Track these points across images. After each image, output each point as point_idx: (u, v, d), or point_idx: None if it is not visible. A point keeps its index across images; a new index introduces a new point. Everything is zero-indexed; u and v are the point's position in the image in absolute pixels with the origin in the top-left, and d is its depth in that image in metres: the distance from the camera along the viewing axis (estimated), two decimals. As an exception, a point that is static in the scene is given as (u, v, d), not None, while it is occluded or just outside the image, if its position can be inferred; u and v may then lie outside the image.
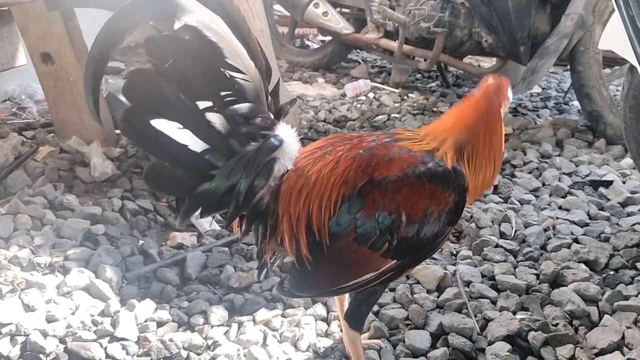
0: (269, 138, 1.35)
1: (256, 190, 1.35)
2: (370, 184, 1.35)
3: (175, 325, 1.82)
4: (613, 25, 2.04)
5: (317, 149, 1.44)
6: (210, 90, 1.28)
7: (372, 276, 1.39)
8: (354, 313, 1.50)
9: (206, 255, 2.12)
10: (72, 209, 2.33)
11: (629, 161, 3.00)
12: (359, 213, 1.34)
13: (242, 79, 1.29)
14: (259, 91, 1.33)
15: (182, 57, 1.24)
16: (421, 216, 1.35)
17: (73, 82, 2.69)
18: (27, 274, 1.91)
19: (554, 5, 3.42)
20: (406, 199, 1.34)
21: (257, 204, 1.37)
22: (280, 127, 1.39)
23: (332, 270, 1.39)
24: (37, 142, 2.87)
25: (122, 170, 2.64)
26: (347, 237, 1.35)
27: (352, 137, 1.46)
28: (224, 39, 1.27)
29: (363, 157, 1.38)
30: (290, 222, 1.37)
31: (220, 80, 1.28)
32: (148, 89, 1.24)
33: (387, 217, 1.34)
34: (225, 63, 1.27)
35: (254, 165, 1.33)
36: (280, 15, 5.14)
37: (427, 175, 1.35)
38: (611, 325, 1.77)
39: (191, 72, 1.26)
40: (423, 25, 3.64)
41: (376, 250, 1.35)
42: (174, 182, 1.33)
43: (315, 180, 1.36)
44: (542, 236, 2.28)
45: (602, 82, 3.27)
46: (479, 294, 1.93)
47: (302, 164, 1.40)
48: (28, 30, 2.62)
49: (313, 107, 3.77)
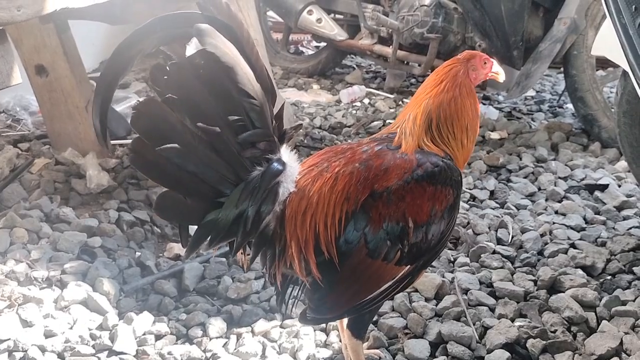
0: (273, 162, 1.35)
1: (263, 217, 1.35)
2: (372, 198, 1.37)
3: (174, 337, 1.81)
4: (605, 31, 2.05)
5: (312, 167, 1.44)
6: (220, 116, 1.27)
7: (389, 286, 1.41)
8: (357, 322, 1.50)
9: (204, 267, 2.12)
10: (69, 222, 2.32)
11: (624, 164, 3.01)
12: (367, 228, 1.36)
13: (252, 103, 1.29)
14: (265, 115, 1.32)
15: (192, 83, 1.23)
16: (427, 218, 1.38)
17: (67, 94, 2.69)
18: (24, 288, 1.90)
19: (546, 9, 3.44)
20: (410, 205, 1.37)
21: (264, 230, 1.36)
22: (282, 150, 1.39)
23: (349, 287, 1.40)
24: (33, 155, 2.86)
25: (118, 182, 2.64)
26: (359, 253, 1.37)
27: (344, 149, 1.47)
28: (238, 64, 1.26)
29: (360, 170, 1.39)
30: (299, 245, 1.37)
31: (230, 105, 1.27)
32: (156, 120, 1.23)
33: (395, 227, 1.36)
34: (238, 88, 1.26)
35: (260, 192, 1.33)
36: (275, 22, 5.14)
37: (426, 178, 1.38)
38: (609, 331, 1.77)
39: (201, 99, 1.25)
40: (417, 31, 3.65)
41: (389, 261, 1.37)
42: (184, 210, 1.32)
43: (318, 201, 1.37)
44: (539, 242, 2.29)
45: (595, 85, 3.28)
46: (477, 302, 1.94)
47: (302, 185, 1.40)
48: (22, 43, 2.62)
49: (308, 113, 3.77)
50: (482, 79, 1.51)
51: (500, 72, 1.52)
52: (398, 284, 1.42)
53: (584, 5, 3.22)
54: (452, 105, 1.44)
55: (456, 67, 1.47)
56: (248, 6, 2.67)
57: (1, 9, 1.45)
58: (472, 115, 1.47)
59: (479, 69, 1.49)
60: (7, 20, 1.44)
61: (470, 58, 1.49)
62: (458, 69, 1.47)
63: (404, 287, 1.45)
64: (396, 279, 1.41)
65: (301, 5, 4.14)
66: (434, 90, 1.46)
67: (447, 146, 1.45)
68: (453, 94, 1.44)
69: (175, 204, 1.31)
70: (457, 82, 1.45)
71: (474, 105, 1.47)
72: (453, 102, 1.44)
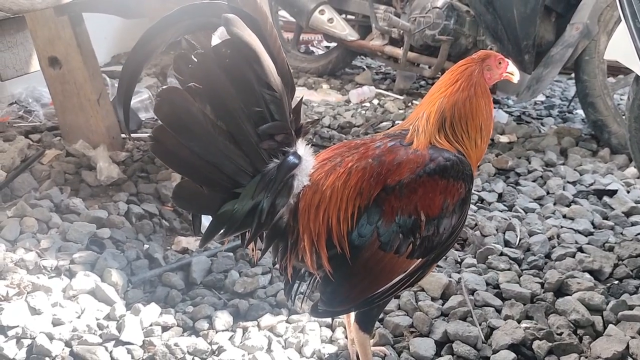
0: (289, 156, 1.35)
1: (277, 209, 1.35)
2: (384, 192, 1.38)
3: (180, 329, 1.82)
4: (619, 36, 2.05)
5: (326, 161, 1.45)
6: (240, 107, 1.27)
7: (401, 279, 1.42)
8: (365, 316, 1.51)
9: (211, 260, 2.13)
10: (78, 213, 2.34)
11: (633, 170, 3.00)
12: (380, 221, 1.37)
13: (273, 95, 1.29)
14: (285, 108, 1.33)
15: (216, 73, 1.23)
16: (439, 211, 1.39)
17: (80, 87, 2.70)
18: (33, 277, 1.92)
19: (559, 14, 3.43)
20: (422, 199, 1.37)
21: (278, 222, 1.38)
22: (299, 143, 1.39)
23: (361, 281, 1.41)
24: (44, 146, 2.88)
25: (128, 174, 2.65)
26: (372, 246, 1.38)
27: (357, 145, 1.48)
28: (262, 56, 1.25)
29: (373, 166, 1.40)
30: (311, 238, 1.38)
31: (252, 96, 1.27)
32: (179, 108, 1.23)
33: (407, 220, 1.37)
34: (260, 79, 1.26)
35: (276, 184, 1.33)
36: (285, 21, 5.16)
37: (438, 172, 1.39)
38: (615, 334, 1.77)
39: (224, 89, 1.25)
40: (428, 32, 3.65)
41: (401, 254, 1.38)
42: (201, 200, 1.33)
43: (331, 195, 1.38)
44: (547, 245, 2.28)
45: (606, 91, 3.27)
46: (484, 302, 1.94)
47: (316, 179, 1.41)
48: (36, 35, 2.64)
49: (318, 113, 3.78)
50: (497, 79, 1.51)
51: (515, 72, 1.52)
52: (409, 277, 1.43)
53: (596, 10, 3.21)
54: (466, 104, 1.44)
55: (471, 66, 1.47)
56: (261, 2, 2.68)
57: (22, -3, 1.46)
58: (486, 115, 1.47)
59: (493, 69, 1.49)
60: (27, 7, 1.45)
61: (485, 58, 1.49)
62: (473, 69, 1.47)
63: (414, 281, 1.46)
64: (408, 272, 1.42)
65: (313, 5, 4.15)
66: (448, 89, 1.46)
67: (461, 145, 1.45)
68: (468, 94, 1.44)
69: (193, 193, 1.32)
70: (472, 81, 1.45)
71: (488, 105, 1.48)
72: (468, 101, 1.44)
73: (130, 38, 4.42)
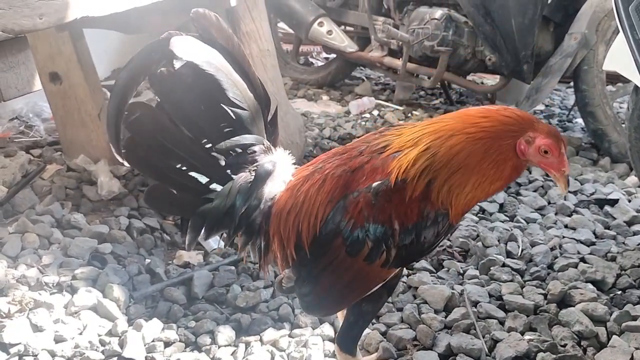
0: (263, 164, 1.43)
1: (250, 212, 1.43)
2: (352, 194, 1.36)
3: (183, 345, 1.82)
4: (618, 46, 2.06)
5: (309, 166, 1.48)
6: (209, 121, 1.38)
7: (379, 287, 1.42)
8: (345, 336, 1.51)
9: (213, 274, 2.12)
10: (80, 228, 2.33)
11: (634, 179, 3.00)
12: (342, 223, 1.35)
13: (240, 108, 1.38)
14: (256, 119, 1.42)
15: (183, 91, 1.35)
16: (417, 220, 1.33)
17: (81, 102, 2.71)
18: (35, 293, 1.92)
19: (557, 24, 3.45)
20: (397, 207, 1.32)
21: (251, 224, 1.45)
22: (276, 153, 1.47)
23: (333, 285, 1.41)
24: (45, 161, 2.89)
25: (129, 189, 2.65)
26: (337, 250, 1.37)
27: (344, 150, 1.46)
28: (222, 71, 1.36)
29: (348, 174, 1.38)
30: (281, 241, 1.43)
31: (219, 110, 1.37)
32: (147, 120, 1.35)
33: (377, 228, 1.34)
34: (223, 94, 1.36)
35: (249, 190, 1.41)
36: (285, 33, 5.18)
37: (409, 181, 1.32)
38: (620, 346, 1.76)
39: (191, 105, 1.36)
40: (427, 44, 3.67)
41: (371, 261, 1.35)
42: (173, 202, 1.44)
43: (303, 200, 1.41)
44: (549, 255, 2.28)
45: (606, 100, 3.28)
46: (487, 314, 1.93)
47: (293, 184, 1.45)
48: (37, 50, 2.65)
49: (318, 124, 3.78)
50: (533, 162, 1.30)
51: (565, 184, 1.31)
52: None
53: (594, 20, 3.23)
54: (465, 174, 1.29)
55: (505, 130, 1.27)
56: (261, 17, 2.69)
57: (24, 17, 1.48)
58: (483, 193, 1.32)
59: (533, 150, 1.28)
60: (29, 28, 1.46)
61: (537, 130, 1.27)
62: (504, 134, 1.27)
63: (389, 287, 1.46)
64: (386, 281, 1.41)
65: (312, 17, 4.17)
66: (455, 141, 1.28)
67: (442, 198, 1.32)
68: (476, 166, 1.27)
69: (165, 195, 1.42)
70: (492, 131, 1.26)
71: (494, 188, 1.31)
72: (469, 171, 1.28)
73: (131, 52, 4.38)
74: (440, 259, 2.27)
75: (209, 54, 1.35)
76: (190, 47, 1.33)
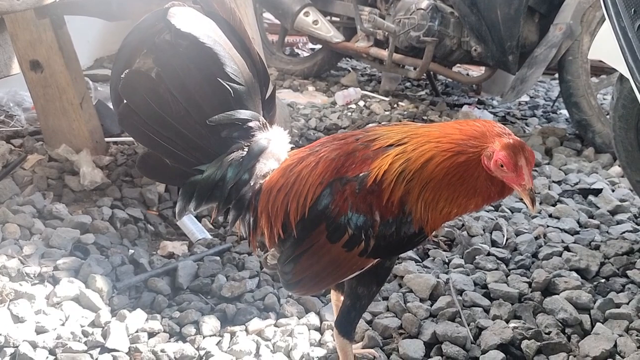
0: (258, 140, 1.43)
1: (240, 187, 1.44)
2: (340, 182, 1.36)
3: (167, 335, 1.80)
4: (603, 35, 2.06)
5: (306, 149, 1.48)
6: (206, 94, 1.37)
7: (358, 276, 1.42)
8: (343, 320, 1.50)
9: (197, 265, 2.10)
10: (62, 218, 2.30)
11: (618, 169, 3.02)
12: (328, 209, 1.35)
13: (237, 83, 1.37)
14: (253, 95, 1.42)
15: (180, 62, 1.34)
16: (397, 214, 1.32)
17: (62, 90, 2.67)
18: (16, 284, 1.88)
19: (542, 15, 3.45)
20: (379, 199, 1.32)
21: (241, 199, 1.45)
22: (271, 130, 1.47)
23: (311, 266, 1.42)
24: (26, 151, 2.84)
25: (112, 179, 2.62)
26: (320, 235, 1.37)
27: (343, 136, 1.45)
28: (220, 45, 1.35)
29: (341, 158, 1.38)
30: (269, 219, 1.43)
31: (215, 84, 1.36)
32: (142, 88, 1.35)
33: (358, 217, 1.33)
34: (220, 68, 1.35)
35: (241, 164, 1.42)
36: (270, 24, 5.14)
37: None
38: (603, 333, 1.78)
39: (188, 76, 1.35)
40: (413, 34, 3.66)
41: (349, 249, 1.35)
42: (166, 172, 1.44)
43: (295, 180, 1.41)
44: (534, 244, 2.29)
45: (590, 91, 3.30)
46: (472, 303, 1.94)
47: (286, 164, 1.45)
48: (17, 38, 2.60)
49: (304, 115, 3.77)
50: (499, 176, 1.26)
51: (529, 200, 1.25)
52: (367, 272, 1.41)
53: (579, 11, 3.24)
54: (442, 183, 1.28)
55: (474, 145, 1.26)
56: (246, 4, 2.66)
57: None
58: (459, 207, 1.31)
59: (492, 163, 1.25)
60: (6, 9, 1.43)
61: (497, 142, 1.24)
62: (470, 146, 1.26)
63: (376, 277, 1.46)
64: (365, 270, 1.39)
65: (298, 7, 4.14)
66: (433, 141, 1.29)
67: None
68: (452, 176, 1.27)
69: (158, 164, 1.43)
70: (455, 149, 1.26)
71: (469, 201, 1.30)
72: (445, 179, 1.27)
73: (113, 41, 4.38)
74: (426, 248, 2.28)
75: (209, 27, 1.35)
76: (190, 19, 1.33)
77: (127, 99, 1.37)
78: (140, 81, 1.36)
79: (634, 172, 2.30)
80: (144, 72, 1.37)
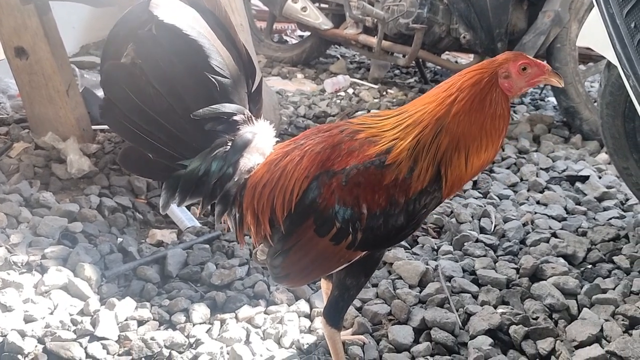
0: (243, 134, 1.41)
1: (224, 181, 1.42)
2: (327, 175, 1.35)
3: (157, 323, 1.80)
4: (591, 22, 2.07)
5: (291, 143, 1.46)
6: (189, 87, 1.35)
7: (346, 267, 1.41)
8: (332, 310, 1.50)
9: (187, 253, 2.10)
10: (49, 207, 2.28)
11: (605, 156, 3.05)
12: (316, 203, 1.34)
13: (221, 76, 1.35)
14: (239, 88, 1.39)
15: (163, 54, 1.31)
16: (385, 206, 1.32)
17: (48, 77, 2.63)
18: (3, 273, 1.87)
19: (531, 2, 3.46)
20: (365, 191, 1.31)
21: (225, 194, 1.43)
22: (257, 124, 1.45)
23: (300, 260, 1.41)
24: (12, 139, 2.81)
25: (99, 167, 2.60)
26: (308, 229, 1.36)
27: (328, 128, 1.44)
28: (205, 37, 1.33)
29: (326, 151, 1.37)
30: (255, 214, 1.42)
31: (199, 77, 1.34)
32: (123, 81, 1.32)
33: (345, 210, 1.33)
34: (205, 60, 1.33)
35: (226, 158, 1.40)
36: (259, 10, 5.10)
37: (387, 166, 1.30)
38: (590, 318, 1.80)
39: (171, 69, 1.32)
40: (402, 21, 3.65)
41: (337, 242, 1.35)
42: (148, 166, 1.42)
43: (280, 175, 1.39)
44: (521, 231, 2.31)
45: (578, 78, 3.32)
46: (461, 289, 1.95)
47: (271, 159, 1.43)
48: (1, 24, 2.56)
49: (292, 102, 3.75)
50: (524, 88, 1.31)
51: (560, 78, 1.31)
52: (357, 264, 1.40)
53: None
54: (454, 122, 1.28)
55: (479, 73, 1.29)
56: (234, -10, 2.64)
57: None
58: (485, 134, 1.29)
59: (513, 76, 1.30)
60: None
61: (503, 62, 1.30)
62: (481, 76, 1.29)
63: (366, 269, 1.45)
64: (352, 262, 1.39)
65: (286, -7, 4.12)
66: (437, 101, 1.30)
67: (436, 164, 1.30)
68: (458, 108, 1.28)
69: (140, 158, 1.40)
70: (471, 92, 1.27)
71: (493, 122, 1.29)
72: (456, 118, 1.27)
73: (99, 28, 4.34)
74: (415, 235, 2.29)
75: (193, 18, 1.32)
76: (173, 10, 1.30)
77: (107, 92, 1.34)
78: (120, 74, 1.33)
79: (620, 159, 2.32)
80: (124, 65, 1.34)
